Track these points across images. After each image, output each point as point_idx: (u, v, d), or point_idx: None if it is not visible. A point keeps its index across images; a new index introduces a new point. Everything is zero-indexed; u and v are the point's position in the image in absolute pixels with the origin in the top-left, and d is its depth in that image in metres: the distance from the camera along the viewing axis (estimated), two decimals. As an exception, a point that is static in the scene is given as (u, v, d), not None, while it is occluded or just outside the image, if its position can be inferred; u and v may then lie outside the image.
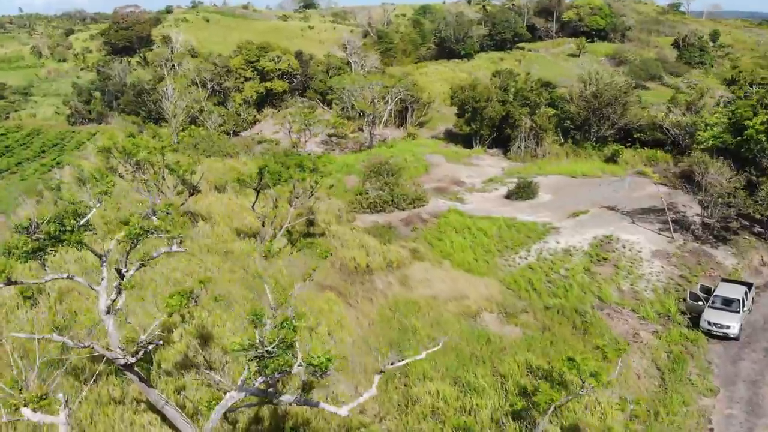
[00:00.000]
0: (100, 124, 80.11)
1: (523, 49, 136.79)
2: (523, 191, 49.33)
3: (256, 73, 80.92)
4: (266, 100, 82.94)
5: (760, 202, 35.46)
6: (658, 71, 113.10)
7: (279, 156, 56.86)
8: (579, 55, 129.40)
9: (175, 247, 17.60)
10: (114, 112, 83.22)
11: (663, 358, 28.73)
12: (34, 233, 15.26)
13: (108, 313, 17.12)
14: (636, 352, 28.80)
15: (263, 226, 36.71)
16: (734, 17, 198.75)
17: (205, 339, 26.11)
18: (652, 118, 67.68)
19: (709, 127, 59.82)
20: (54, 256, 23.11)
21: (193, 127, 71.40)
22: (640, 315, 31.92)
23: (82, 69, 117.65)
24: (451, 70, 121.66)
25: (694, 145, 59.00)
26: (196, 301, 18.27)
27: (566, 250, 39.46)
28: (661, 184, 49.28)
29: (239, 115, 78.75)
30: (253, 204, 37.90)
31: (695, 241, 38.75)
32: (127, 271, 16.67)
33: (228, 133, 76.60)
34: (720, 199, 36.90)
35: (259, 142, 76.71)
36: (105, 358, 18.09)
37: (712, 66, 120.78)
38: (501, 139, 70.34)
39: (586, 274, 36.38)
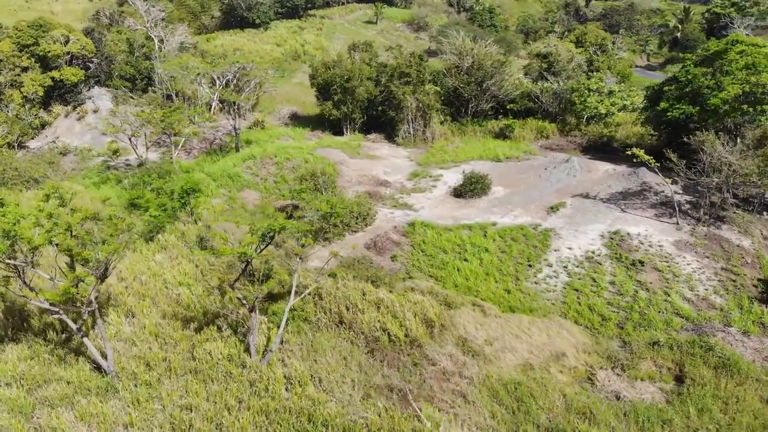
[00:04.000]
0: None
1: (315, 16, 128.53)
2: (476, 187, 42.42)
3: (34, 60, 58.66)
4: (53, 95, 61.21)
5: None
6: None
7: (153, 179, 40.59)
8: (376, 22, 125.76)
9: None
10: None
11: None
12: None
13: None
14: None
15: (252, 312, 23.53)
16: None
17: None
18: (520, 86, 65.90)
19: (591, 93, 59.79)
20: None
21: (-40, 145, 48.81)
22: (740, 330, 27.75)
23: None
24: (252, 42, 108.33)
25: (575, 111, 58.18)
26: None
27: (588, 258, 33.95)
28: (604, 162, 46.79)
29: (22, 119, 56.56)
30: (234, 282, 24.31)
31: (700, 224, 36.28)
32: None
33: (12, 146, 54.57)
34: (733, 180, 34.61)
35: (63, 154, 56.26)
36: None
37: (504, 28, 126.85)
38: (379, 122, 62.01)
39: (637, 285, 31.29)
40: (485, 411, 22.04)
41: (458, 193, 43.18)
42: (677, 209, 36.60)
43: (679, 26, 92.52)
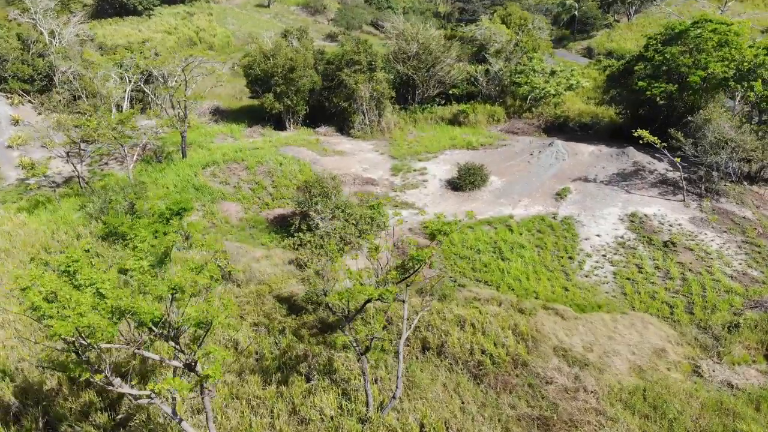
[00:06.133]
0: None
1: (201, 0, 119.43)
2: (475, 179, 40.89)
3: None
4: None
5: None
6: (361, 20, 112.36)
7: (131, 198, 34.02)
8: (269, 5, 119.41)
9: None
10: None
11: None
12: None
13: None
14: None
15: (363, 355, 20.02)
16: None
17: None
18: (461, 70, 65.06)
19: (527, 74, 60.02)
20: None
21: None
22: (795, 302, 28.81)
23: None
24: (137, 31, 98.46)
25: (516, 93, 58.38)
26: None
27: (620, 244, 33.83)
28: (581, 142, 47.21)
29: None
30: (345, 324, 20.55)
31: (704, 200, 37.55)
32: None
33: None
34: (736, 155, 35.99)
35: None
36: None
37: (403, 11, 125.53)
38: (325, 114, 58.14)
39: (679, 267, 31.57)
40: (633, 426, 20.68)
41: (456, 186, 41.35)
42: (684, 187, 37.54)
43: (576, 5, 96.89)
